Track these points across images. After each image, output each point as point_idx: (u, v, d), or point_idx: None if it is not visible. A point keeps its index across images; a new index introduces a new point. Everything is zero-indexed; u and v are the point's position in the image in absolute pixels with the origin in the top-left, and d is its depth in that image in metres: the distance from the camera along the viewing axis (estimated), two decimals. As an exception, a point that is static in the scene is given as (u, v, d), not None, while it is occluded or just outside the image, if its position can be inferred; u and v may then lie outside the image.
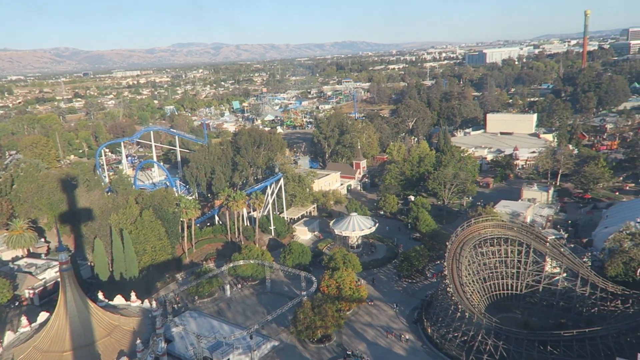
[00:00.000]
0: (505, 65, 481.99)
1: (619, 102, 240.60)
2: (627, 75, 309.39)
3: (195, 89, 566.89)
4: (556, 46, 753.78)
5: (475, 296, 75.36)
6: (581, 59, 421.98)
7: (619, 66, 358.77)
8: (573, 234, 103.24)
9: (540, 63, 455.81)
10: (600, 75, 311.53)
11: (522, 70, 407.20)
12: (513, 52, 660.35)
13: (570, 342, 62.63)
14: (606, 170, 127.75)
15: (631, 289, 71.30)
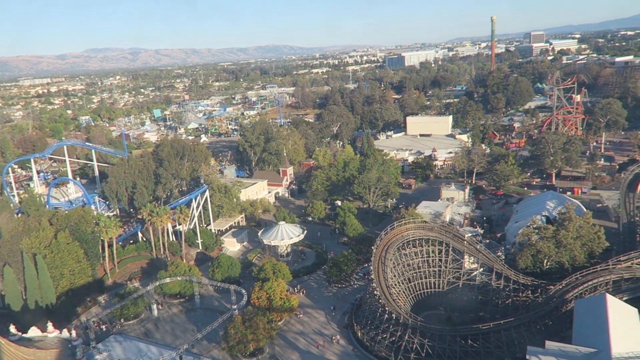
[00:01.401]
0: (423, 68, 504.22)
1: (524, 102, 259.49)
2: (531, 76, 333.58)
3: (113, 97, 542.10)
4: (468, 49, 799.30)
5: (401, 297, 78.42)
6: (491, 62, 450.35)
7: (523, 68, 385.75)
8: (488, 229, 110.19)
9: (454, 66, 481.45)
10: (508, 76, 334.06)
11: (438, 73, 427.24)
12: (430, 55, 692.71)
13: (487, 334, 66.89)
14: (515, 167, 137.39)
15: (539, 279, 77.39)
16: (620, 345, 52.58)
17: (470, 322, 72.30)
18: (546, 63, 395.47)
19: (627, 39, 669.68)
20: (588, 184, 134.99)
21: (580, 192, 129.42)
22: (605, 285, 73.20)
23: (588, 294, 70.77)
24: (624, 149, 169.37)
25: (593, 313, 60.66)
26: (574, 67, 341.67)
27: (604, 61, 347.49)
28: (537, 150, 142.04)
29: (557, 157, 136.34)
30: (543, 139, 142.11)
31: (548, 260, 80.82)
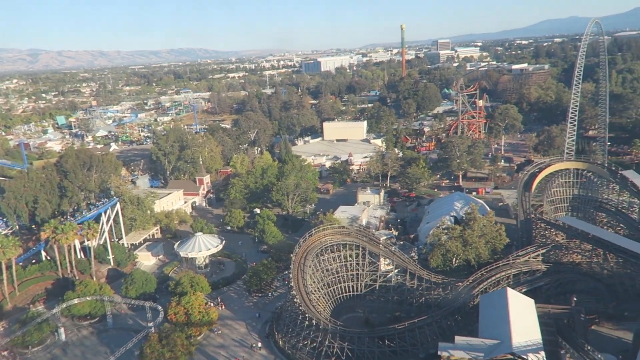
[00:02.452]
0: (339, 73, 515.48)
1: (433, 107, 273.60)
2: (439, 82, 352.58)
3: (10, 102, 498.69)
4: (381, 55, 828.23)
5: (321, 302, 79.63)
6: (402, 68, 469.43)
7: (432, 74, 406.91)
8: (402, 231, 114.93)
9: (368, 71, 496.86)
10: (418, 82, 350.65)
11: (353, 79, 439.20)
12: (345, 60, 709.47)
13: (403, 333, 69.77)
14: (426, 170, 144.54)
15: (449, 277, 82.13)
16: (519, 335, 56.95)
17: (388, 323, 74.93)
18: (452, 70, 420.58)
19: (522, 48, 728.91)
20: (491, 184, 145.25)
21: (484, 192, 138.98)
22: (507, 279, 79.26)
23: (492, 288, 76.13)
24: (521, 150, 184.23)
25: (496, 306, 65.23)
26: (477, 74, 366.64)
27: (503, 68, 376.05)
28: (445, 153, 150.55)
29: (463, 159, 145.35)
30: (450, 143, 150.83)
31: (456, 259, 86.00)
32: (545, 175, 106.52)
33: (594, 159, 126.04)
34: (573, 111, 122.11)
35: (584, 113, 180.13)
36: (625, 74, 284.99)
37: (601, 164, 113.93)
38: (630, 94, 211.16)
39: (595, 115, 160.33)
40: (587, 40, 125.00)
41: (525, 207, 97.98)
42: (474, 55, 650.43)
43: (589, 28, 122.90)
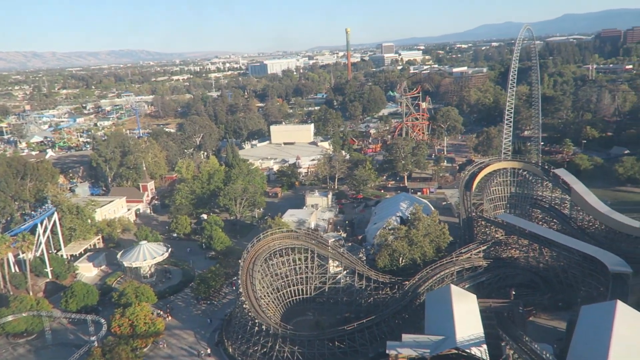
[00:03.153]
0: (285, 76, 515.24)
1: (378, 109, 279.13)
2: (384, 85, 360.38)
3: None
4: (327, 57, 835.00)
5: (270, 307, 79.30)
6: (348, 70, 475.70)
7: (377, 77, 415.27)
8: (350, 232, 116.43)
9: (314, 74, 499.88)
10: (363, 85, 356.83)
11: (300, 81, 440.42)
12: (291, 63, 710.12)
13: (352, 334, 70.66)
14: (372, 171, 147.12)
15: (396, 276, 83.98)
16: (463, 330, 59.10)
17: (338, 324, 75.69)
18: (396, 72, 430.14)
19: (462, 52, 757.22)
20: (435, 184, 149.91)
21: (429, 192, 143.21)
22: (451, 276, 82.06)
23: (437, 285, 78.58)
24: (463, 150, 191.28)
25: (441, 303, 67.36)
26: (420, 77, 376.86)
27: (444, 71, 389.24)
28: (391, 155, 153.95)
29: (408, 160, 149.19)
30: (395, 145, 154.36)
31: (403, 258, 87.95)
32: (484, 174, 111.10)
33: (529, 158, 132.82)
34: (509, 113, 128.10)
35: (520, 114, 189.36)
36: (556, 77, 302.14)
37: (535, 163, 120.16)
38: (560, 96, 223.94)
39: (529, 116, 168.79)
40: (520, 45, 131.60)
41: (466, 206, 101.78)
42: (417, 58, 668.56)
43: (522, 33, 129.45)
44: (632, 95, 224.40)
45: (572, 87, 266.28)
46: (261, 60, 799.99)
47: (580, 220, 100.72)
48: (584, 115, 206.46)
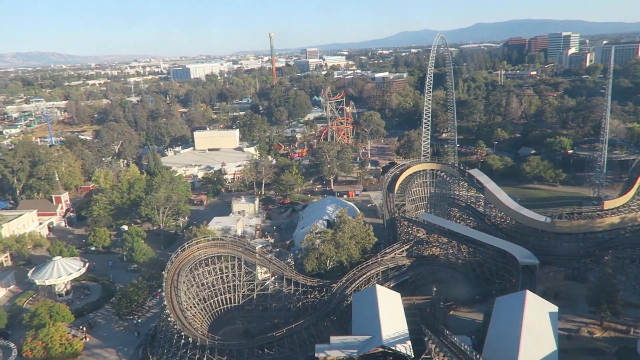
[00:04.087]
0: (209, 80, 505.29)
1: (304, 114, 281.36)
2: (309, 90, 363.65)
3: None
4: (252, 62, 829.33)
5: (197, 318, 77.29)
6: (273, 75, 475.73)
7: (302, 82, 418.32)
8: (278, 238, 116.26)
9: (239, 79, 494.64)
10: (289, 90, 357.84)
11: (224, 86, 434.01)
12: (215, 67, 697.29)
13: (282, 339, 70.46)
14: (299, 176, 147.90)
15: (324, 279, 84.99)
16: (388, 328, 60.96)
17: (267, 331, 75.18)
18: (321, 77, 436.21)
19: (384, 57, 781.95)
20: (360, 186, 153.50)
21: (354, 195, 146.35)
22: (377, 276, 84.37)
23: (363, 286, 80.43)
24: (386, 153, 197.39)
25: (367, 303, 69.01)
26: (344, 82, 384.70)
27: (367, 77, 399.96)
28: (317, 159, 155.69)
29: (333, 164, 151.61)
30: (320, 149, 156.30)
31: (330, 261, 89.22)
32: (406, 176, 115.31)
33: (446, 159, 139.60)
34: (427, 116, 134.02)
35: (437, 118, 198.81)
36: (470, 82, 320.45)
37: (452, 164, 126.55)
38: (474, 100, 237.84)
39: (446, 119, 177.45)
40: (434, 52, 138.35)
41: (390, 207, 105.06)
42: (340, 63, 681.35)
43: (436, 41, 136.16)
44: (537, 99, 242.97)
45: (484, 92, 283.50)
46: (184, 64, 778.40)
47: (494, 217, 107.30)
48: (495, 118, 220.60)
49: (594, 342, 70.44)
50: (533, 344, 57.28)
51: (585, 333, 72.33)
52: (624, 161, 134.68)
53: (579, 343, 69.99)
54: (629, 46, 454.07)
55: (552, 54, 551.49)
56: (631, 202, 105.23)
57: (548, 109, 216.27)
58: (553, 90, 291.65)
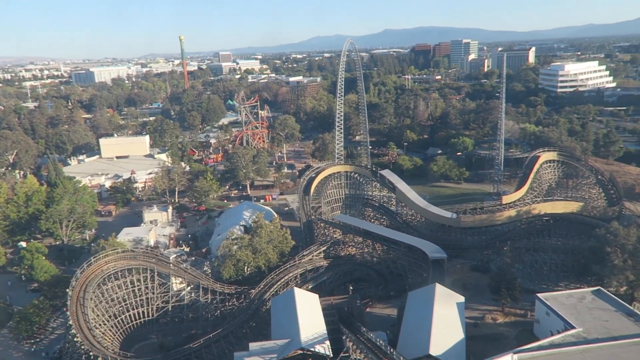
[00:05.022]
0: (116, 85, 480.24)
1: (218, 118, 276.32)
2: (222, 94, 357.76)
3: None
4: (162, 65, 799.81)
5: (107, 336, 73.11)
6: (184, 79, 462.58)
7: (215, 86, 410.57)
8: (194, 246, 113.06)
9: (148, 83, 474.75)
10: (201, 94, 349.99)
11: (132, 91, 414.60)
12: (122, 71, 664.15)
13: (199, 350, 68.58)
14: (214, 182, 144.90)
15: (242, 285, 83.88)
16: (307, 330, 61.37)
17: (184, 343, 72.76)
18: (234, 81, 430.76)
19: (298, 62, 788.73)
20: (277, 190, 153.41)
21: (271, 199, 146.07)
22: (295, 279, 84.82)
23: (282, 290, 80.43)
24: (302, 157, 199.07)
25: (285, 307, 69.07)
26: (258, 86, 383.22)
27: (281, 81, 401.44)
28: (232, 164, 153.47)
29: (249, 169, 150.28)
30: (236, 154, 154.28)
31: (248, 267, 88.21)
32: (321, 178, 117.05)
33: (359, 161, 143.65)
34: (339, 120, 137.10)
35: (350, 121, 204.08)
36: (380, 86, 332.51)
37: (365, 165, 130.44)
38: (384, 104, 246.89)
39: (359, 122, 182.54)
40: (345, 57, 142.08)
41: (306, 210, 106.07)
42: (255, 67, 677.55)
43: (346, 46, 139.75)
44: (442, 102, 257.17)
45: (394, 96, 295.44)
46: (87, 68, 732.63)
47: (405, 215, 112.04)
48: (404, 121, 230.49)
49: (497, 327, 75.79)
50: (443, 333, 60.49)
51: (489, 320, 77.61)
52: (519, 158, 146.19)
53: (484, 330, 74.95)
54: (520, 53, 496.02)
55: (455, 60, 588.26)
56: (526, 196, 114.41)
57: (452, 112, 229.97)
58: (456, 93, 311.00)
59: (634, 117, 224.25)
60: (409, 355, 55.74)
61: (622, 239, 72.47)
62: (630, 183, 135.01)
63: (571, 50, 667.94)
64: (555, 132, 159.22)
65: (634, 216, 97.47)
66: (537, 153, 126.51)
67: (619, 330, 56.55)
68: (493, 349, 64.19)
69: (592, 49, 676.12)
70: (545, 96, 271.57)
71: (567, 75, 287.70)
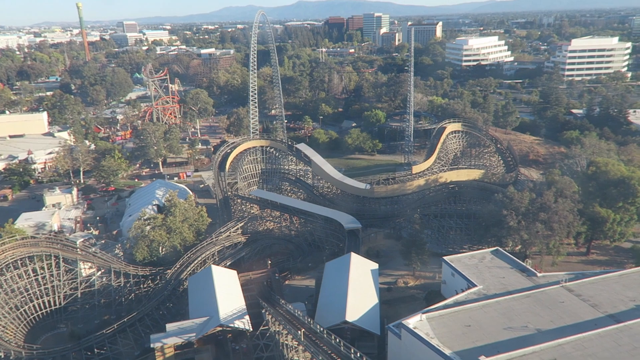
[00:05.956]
0: (5, 56, 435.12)
1: (125, 93, 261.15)
2: (129, 67, 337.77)
3: None
4: (59, 35, 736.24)
5: (9, 329, 68.24)
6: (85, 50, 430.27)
7: (120, 58, 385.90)
8: (104, 229, 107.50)
9: (43, 54, 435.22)
10: (105, 67, 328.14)
11: (25, 62, 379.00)
12: (11, 40, 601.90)
13: (113, 336, 66.07)
14: (122, 160, 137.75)
15: (158, 267, 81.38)
16: (226, 307, 61.27)
17: (96, 330, 69.72)
18: (142, 53, 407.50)
19: (209, 33, 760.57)
20: (191, 167, 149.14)
21: (186, 176, 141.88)
22: (212, 256, 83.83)
23: (200, 268, 79.19)
24: (217, 132, 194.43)
25: (203, 285, 68.34)
26: (168, 58, 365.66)
27: (192, 53, 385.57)
28: (142, 141, 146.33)
29: (161, 145, 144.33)
30: (145, 130, 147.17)
31: (163, 247, 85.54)
32: (236, 154, 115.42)
33: (275, 135, 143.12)
34: (253, 93, 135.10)
35: (265, 95, 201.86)
36: (295, 59, 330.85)
37: (281, 140, 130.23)
38: (299, 77, 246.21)
39: (274, 96, 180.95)
40: (257, 29, 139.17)
41: (222, 186, 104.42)
42: (163, 38, 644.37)
43: (257, 18, 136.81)
44: (355, 76, 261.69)
45: (308, 69, 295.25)
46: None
47: (321, 188, 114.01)
48: (319, 94, 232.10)
49: (409, 290, 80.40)
50: (358, 300, 63.10)
51: (402, 284, 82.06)
52: (428, 130, 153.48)
53: (397, 293, 79.19)
54: (428, 27, 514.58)
55: (367, 33, 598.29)
56: (434, 165, 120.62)
57: (365, 85, 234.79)
58: (369, 67, 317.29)
59: (528, 89, 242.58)
60: (326, 324, 57.58)
61: (517, 202, 79.09)
62: (525, 151, 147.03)
63: (475, 26, 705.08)
64: (460, 104, 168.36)
65: (527, 181, 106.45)
66: (443, 124, 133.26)
67: (514, 285, 62.18)
68: (405, 310, 68.09)
69: (493, 24, 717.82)
70: (451, 70, 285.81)
71: (470, 49, 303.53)
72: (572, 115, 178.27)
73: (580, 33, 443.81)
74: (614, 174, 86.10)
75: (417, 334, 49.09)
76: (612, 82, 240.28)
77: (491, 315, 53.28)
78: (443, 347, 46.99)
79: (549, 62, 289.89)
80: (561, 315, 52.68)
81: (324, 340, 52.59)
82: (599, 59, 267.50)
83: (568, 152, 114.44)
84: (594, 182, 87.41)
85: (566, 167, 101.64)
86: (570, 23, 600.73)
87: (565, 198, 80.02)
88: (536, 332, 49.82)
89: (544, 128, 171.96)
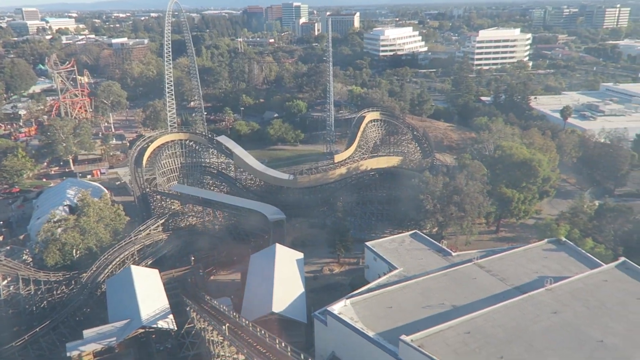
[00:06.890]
0: None
1: (27, 86, 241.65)
2: (31, 57, 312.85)
3: None
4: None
5: None
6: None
7: (20, 48, 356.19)
8: (8, 234, 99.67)
9: None
10: (3, 57, 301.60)
11: None
12: None
13: (24, 348, 61.96)
14: (27, 159, 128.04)
15: (72, 271, 76.79)
16: (148, 307, 59.36)
17: (6, 343, 64.73)
18: (45, 43, 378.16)
19: (121, 21, 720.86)
20: (105, 164, 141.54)
21: (100, 174, 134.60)
22: (132, 256, 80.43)
23: (118, 270, 75.77)
24: (132, 126, 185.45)
25: (123, 287, 65.60)
26: (75, 48, 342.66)
27: (103, 42, 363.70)
28: (49, 138, 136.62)
29: (70, 142, 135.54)
30: (52, 126, 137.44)
31: (77, 250, 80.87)
32: (154, 148, 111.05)
33: (194, 128, 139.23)
34: (169, 85, 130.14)
35: (183, 86, 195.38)
36: (213, 50, 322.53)
37: (200, 132, 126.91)
38: (217, 68, 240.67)
39: (192, 88, 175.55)
40: (170, 17, 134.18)
41: (140, 183, 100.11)
42: (69, 27, 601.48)
43: (170, 5, 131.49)
44: (275, 66, 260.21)
45: (227, 59, 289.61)
46: None
47: (244, 180, 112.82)
48: (239, 85, 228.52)
49: (334, 277, 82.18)
50: (284, 290, 63.53)
51: (327, 271, 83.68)
52: (348, 119, 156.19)
53: (322, 281, 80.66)
54: (346, 18, 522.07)
55: (287, 23, 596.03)
56: (355, 153, 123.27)
57: (286, 75, 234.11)
58: (289, 57, 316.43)
59: (442, 78, 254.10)
60: (253, 316, 57.57)
61: (432, 187, 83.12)
62: (439, 137, 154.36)
63: (391, 16, 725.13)
64: (378, 93, 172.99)
65: (442, 166, 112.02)
66: (362, 113, 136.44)
67: (431, 265, 65.42)
68: (331, 297, 69.28)
69: (408, 15, 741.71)
70: (369, 59, 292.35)
71: (387, 40, 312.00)
72: (481, 102, 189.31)
73: (487, 24, 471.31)
74: (518, 156, 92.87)
75: (341, 319, 50.35)
76: (515, 70, 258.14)
77: (411, 296, 55.79)
78: (367, 330, 48.62)
79: (459, 52, 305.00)
80: (474, 291, 56.26)
81: (249, 333, 52.54)
82: (503, 49, 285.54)
83: (477, 137, 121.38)
84: (501, 164, 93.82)
85: (476, 152, 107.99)
86: (478, 15, 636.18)
87: (476, 181, 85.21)
88: (452, 308, 52.86)
89: (456, 115, 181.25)
